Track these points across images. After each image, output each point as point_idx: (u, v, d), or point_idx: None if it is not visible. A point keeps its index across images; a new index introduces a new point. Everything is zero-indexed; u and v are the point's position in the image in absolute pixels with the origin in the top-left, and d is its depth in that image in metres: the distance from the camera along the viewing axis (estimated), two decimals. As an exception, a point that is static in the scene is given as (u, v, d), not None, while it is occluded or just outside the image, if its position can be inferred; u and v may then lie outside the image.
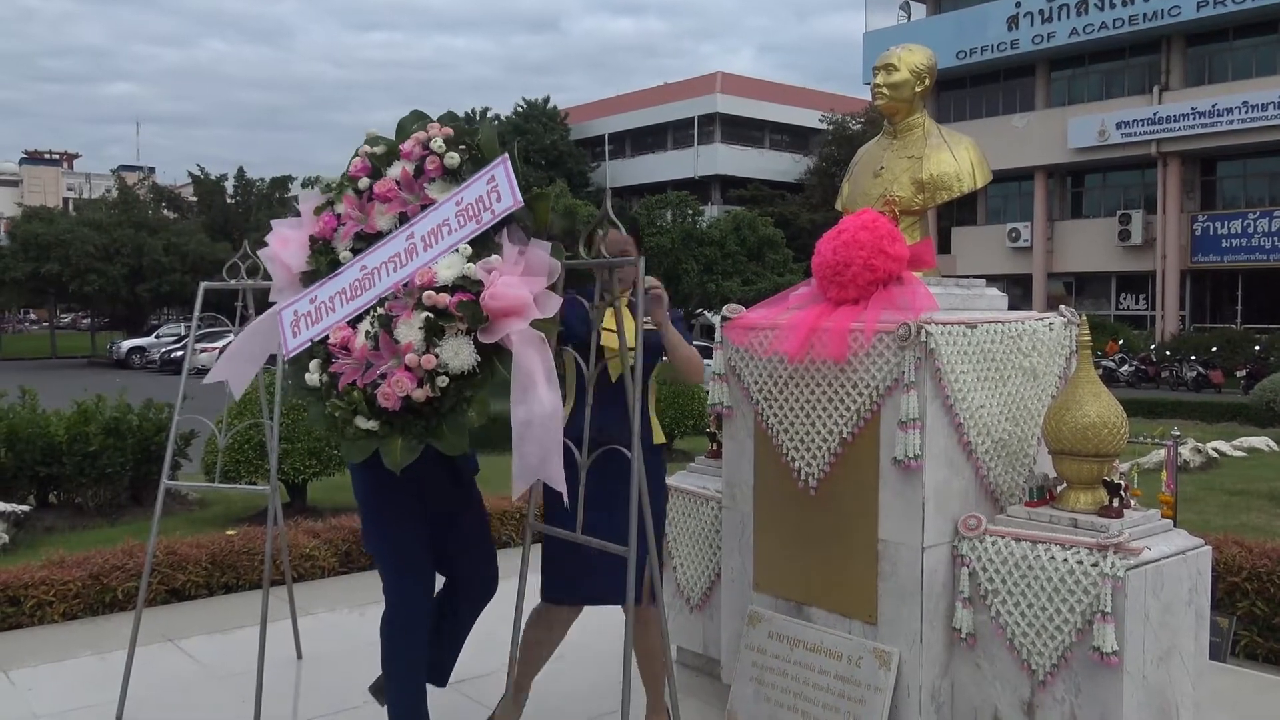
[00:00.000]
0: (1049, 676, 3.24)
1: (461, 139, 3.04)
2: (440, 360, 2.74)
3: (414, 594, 3.36)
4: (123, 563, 5.56)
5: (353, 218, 3.15)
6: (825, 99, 43.61)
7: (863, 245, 3.49)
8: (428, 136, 3.05)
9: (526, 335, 2.76)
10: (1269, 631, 4.89)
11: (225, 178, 46.85)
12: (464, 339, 2.77)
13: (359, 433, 2.85)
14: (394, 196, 3.08)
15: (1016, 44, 31.44)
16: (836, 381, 3.53)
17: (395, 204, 3.08)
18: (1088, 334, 3.55)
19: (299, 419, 8.09)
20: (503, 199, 2.85)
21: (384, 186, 3.08)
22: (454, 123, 3.08)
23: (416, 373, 2.75)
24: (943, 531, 3.41)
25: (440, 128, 3.07)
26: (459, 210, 2.91)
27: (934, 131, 3.87)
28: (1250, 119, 27.25)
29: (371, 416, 2.83)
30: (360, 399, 2.83)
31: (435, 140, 3.02)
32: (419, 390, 2.74)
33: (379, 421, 2.83)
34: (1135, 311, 31.35)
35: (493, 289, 2.75)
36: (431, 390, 2.75)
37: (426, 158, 3.04)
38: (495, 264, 2.81)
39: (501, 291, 2.75)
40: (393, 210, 3.08)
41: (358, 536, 6.37)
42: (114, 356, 36.27)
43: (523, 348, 2.75)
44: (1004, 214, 33.73)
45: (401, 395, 2.74)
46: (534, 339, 2.78)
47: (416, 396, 2.74)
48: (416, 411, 2.81)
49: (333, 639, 5.00)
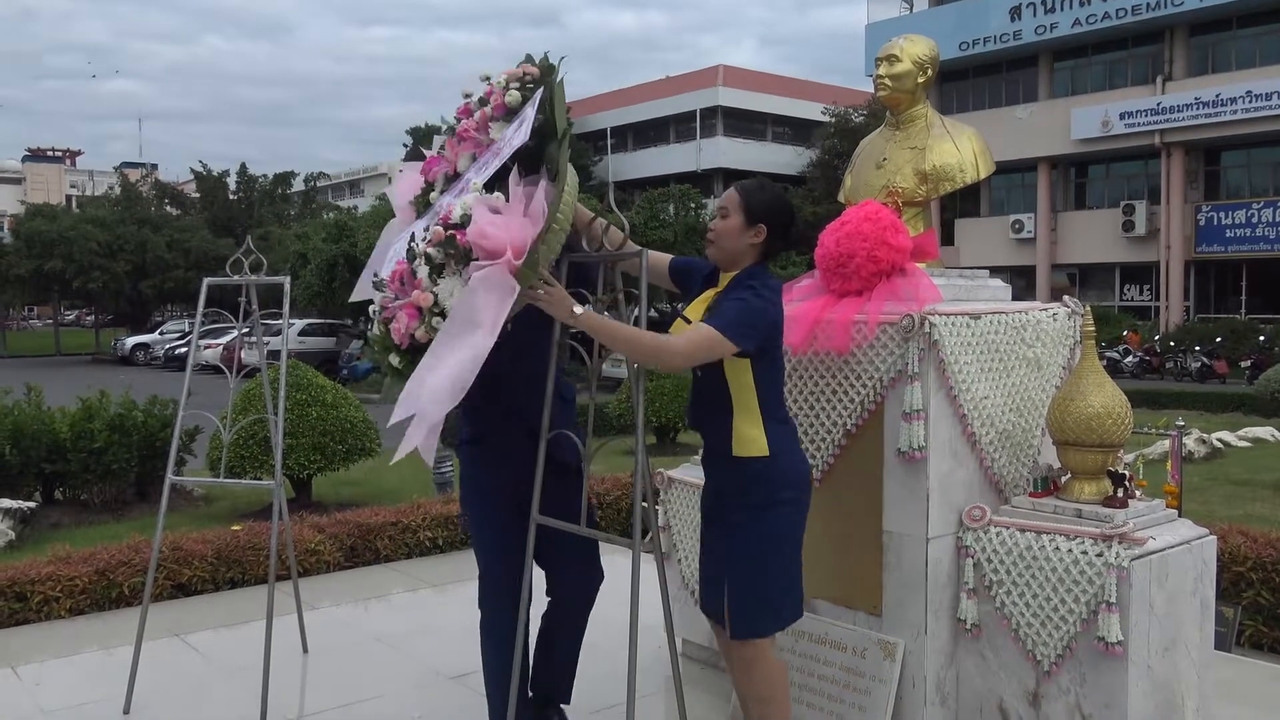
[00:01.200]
0: (1054, 667, 3.24)
1: (533, 81, 2.96)
2: (438, 300, 2.67)
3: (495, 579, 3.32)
4: (129, 558, 5.58)
5: (446, 159, 3.17)
6: (827, 91, 43.47)
7: (866, 237, 3.48)
8: (502, 77, 3.01)
9: (488, 278, 2.59)
10: (1274, 621, 4.88)
11: (228, 174, 46.89)
12: (459, 280, 2.67)
13: (391, 368, 2.83)
14: (469, 136, 3.08)
15: (1019, 35, 31.32)
16: (840, 373, 3.53)
17: (469, 144, 3.09)
18: (1092, 324, 3.55)
19: (303, 414, 8.11)
20: (521, 133, 2.79)
21: (463, 128, 3.08)
22: (543, 63, 3.00)
23: (420, 310, 2.69)
24: (947, 522, 3.41)
25: (524, 69, 2.99)
26: (495, 147, 2.90)
27: (937, 122, 3.86)
28: (1254, 108, 27.13)
29: (396, 354, 2.80)
30: (386, 333, 2.82)
31: (499, 78, 2.99)
32: (420, 329, 2.69)
33: (401, 360, 2.79)
34: (1139, 302, 31.27)
35: (478, 228, 2.63)
36: (429, 331, 2.67)
37: (497, 97, 2.99)
38: (495, 202, 2.70)
39: (488, 231, 2.62)
40: (466, 150, 3.09)
41: (362, 531, 6.40)
42: (118, 353, 36.35)
43: (479, 289, 2.59)
44: (1007, 205, 33.65)
45: (406, 332, 2.71)
46: (497, 284, 2.60)
47: (419, 336, 2.70)
48: (423, 351, 2.73)
49: (338, 633, 5.02)
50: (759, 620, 3.01)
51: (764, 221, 2.97)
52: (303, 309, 28.38)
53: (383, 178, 59.27)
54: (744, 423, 2.95)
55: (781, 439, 2.99)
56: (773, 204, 3.01)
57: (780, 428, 3.00)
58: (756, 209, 2.98)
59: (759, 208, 2.98)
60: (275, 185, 47.16)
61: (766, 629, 3.03)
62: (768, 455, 2.95)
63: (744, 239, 2.98)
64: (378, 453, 8.80)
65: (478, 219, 2.64)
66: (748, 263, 3.00)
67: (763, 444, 2.95)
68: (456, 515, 6.51)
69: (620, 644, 3.05)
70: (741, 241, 2.98)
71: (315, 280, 27.00)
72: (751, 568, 2.98)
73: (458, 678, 4.33)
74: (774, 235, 3.00)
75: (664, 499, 4.34)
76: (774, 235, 3.00)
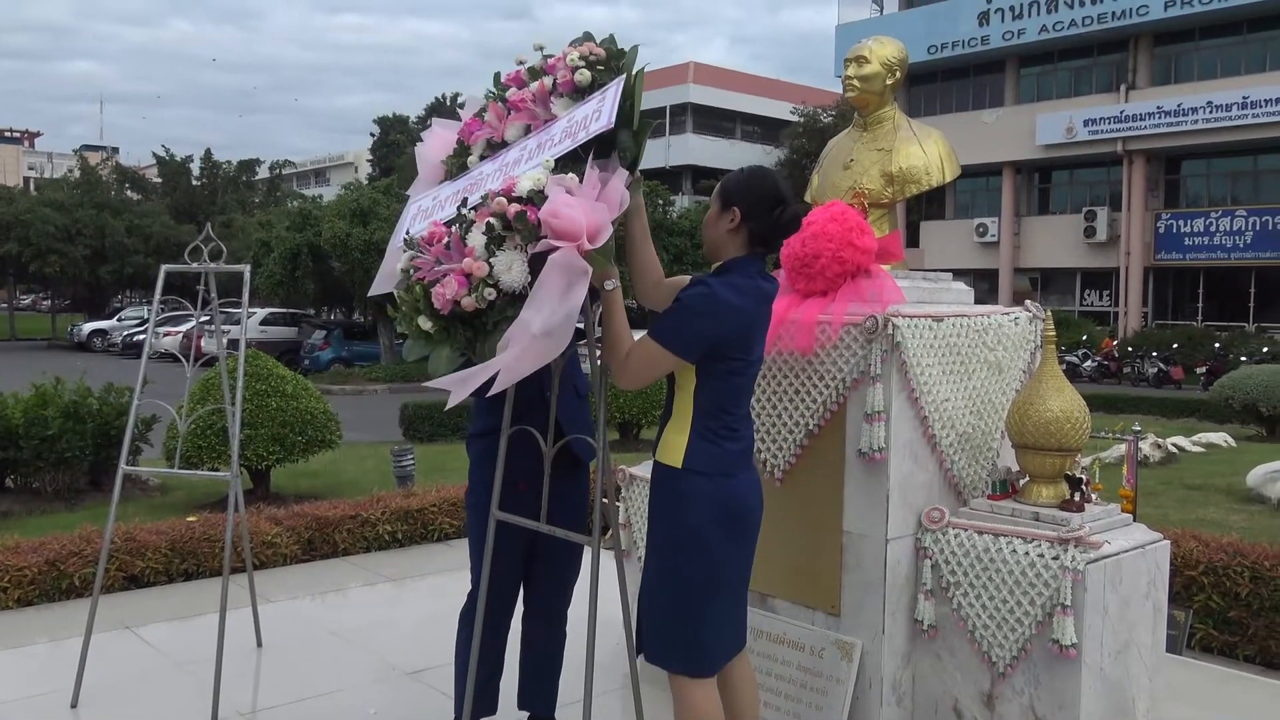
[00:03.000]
0: (1009, 668, 3.26)
1: (603, 61, 2.90)
2: (493, 271, 2.60)
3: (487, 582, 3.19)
4: (80, 549, 5.48)
5: (490, 125, 3.12)
6: (797, 91, 43.66)
7: (831, 237, 3.48)
8: (572, 53, 2.95)
9: (563, 262, 2.53)
10: (1225, 625, 4.96)
11: (191, 159, 46.23)
12: (519, 254, 2.60)
13: (419, 331, 2.78)
14: (524, 107, 3.02)
15: (987, 40, 31.63)
16: (804, 373, 3.53)
17: (523, 115, 3.03)
18: (1053, 329, 3.58)
19: (263, 405, 8.01)
20: (601, 118, 2.71)
21: (518, 96, 3.03)
22: (609, 45, 2.96)
23: (469, 279, 2.63)
24: (906, 524, 3.43)
25: (589, 47, 2.94)
26: (567, 126, 2.83)
27: (904, 125, 3.87)
28: (1214, 119, 27.59)
29: (430, 318, 2.76)
30: (422, 294, 2.77)
31: (571, 55, 2.92)
32: (468, 298, 2.62)
33: (434, 325, 2.73)
34: (1099, 308, 31.70)
35: (553, 206, 2.56)
36: (478, 301, 2.61)
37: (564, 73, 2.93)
38: (569, 182, 2.63)
39: (561, 211, 2.54)
40: (519, 120, 3.03)
41: (320, 524, 6.33)
42: (75, 339, 35.73)
43: (552, 272, 2.53)
44: (972, 209, 33.97)
45: (451, 299, 2.66)
46: (572, 268, 2.53)
47: (465, 304, 2.62)
48: (466, 321, 2.68)
49: (293, 627, 4.96)
50: (662, 651, 2.83)
51: (738, 205, 2.76)
52: (265, 298, 28.03)
53: (349, 167, 58.74)
54: (673, 427, 2.80)
55: (705, 457, 2.73)
56: (748, 185, 2.80)
57: (707, 445, 2.73)
58: (730, 192, 2.80)
59: (733, 190, 2.80)
60: (240, 172, 46.53)
61: (670, 664, 2.82)
62: (678, 468, 2.74)
63: (720, 226, 2.80)
64: (338, 444, 8.72)
65: (553, 198, 2.58)
66: (731, 254, 2.80)
67: (679, 455, 2.75)
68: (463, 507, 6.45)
69: (581, 641, 3.03)
70: (719, 229, 2.80)
71: (278, 269, 26.69)
72: (657, 595, 2.83)
73: (415, 673, 4.30)
74: (753, 219, 2.76)
75: (625, 496, 4.33)
76: (753, 219, 2.76)
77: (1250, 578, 4.93)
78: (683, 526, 2.74)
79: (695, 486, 2.73)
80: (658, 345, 2.67)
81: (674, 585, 2.77)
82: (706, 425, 2.75)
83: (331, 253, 25.13)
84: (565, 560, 3.40)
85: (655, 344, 2.67)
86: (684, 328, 2.67)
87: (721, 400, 2.75)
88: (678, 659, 2.81)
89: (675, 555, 2.76)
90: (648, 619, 2.88)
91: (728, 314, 2.68)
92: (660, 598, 2.82)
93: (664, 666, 2.84)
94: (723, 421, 2.76)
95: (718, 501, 2.73)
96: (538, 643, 3.47)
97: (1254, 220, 28.12)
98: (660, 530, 2.81)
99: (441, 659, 4.21)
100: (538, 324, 2.52)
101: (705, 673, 2.81)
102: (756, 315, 2.79)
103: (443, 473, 9.27)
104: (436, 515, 6.76)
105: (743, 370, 2.78)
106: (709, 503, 2.73)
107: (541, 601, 3.44)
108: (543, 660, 3.48)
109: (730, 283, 2.72)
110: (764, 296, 2.81)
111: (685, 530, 2.73)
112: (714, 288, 2.69)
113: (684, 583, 2.76)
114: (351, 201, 25.90)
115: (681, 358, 2.68)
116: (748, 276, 2.76)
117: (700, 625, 2.76)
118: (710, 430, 2.75)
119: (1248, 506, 8.78)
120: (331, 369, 25.29)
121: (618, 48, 2.91)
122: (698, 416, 2.75)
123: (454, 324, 2.68)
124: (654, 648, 2.86)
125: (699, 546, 2.73)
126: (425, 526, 6.71)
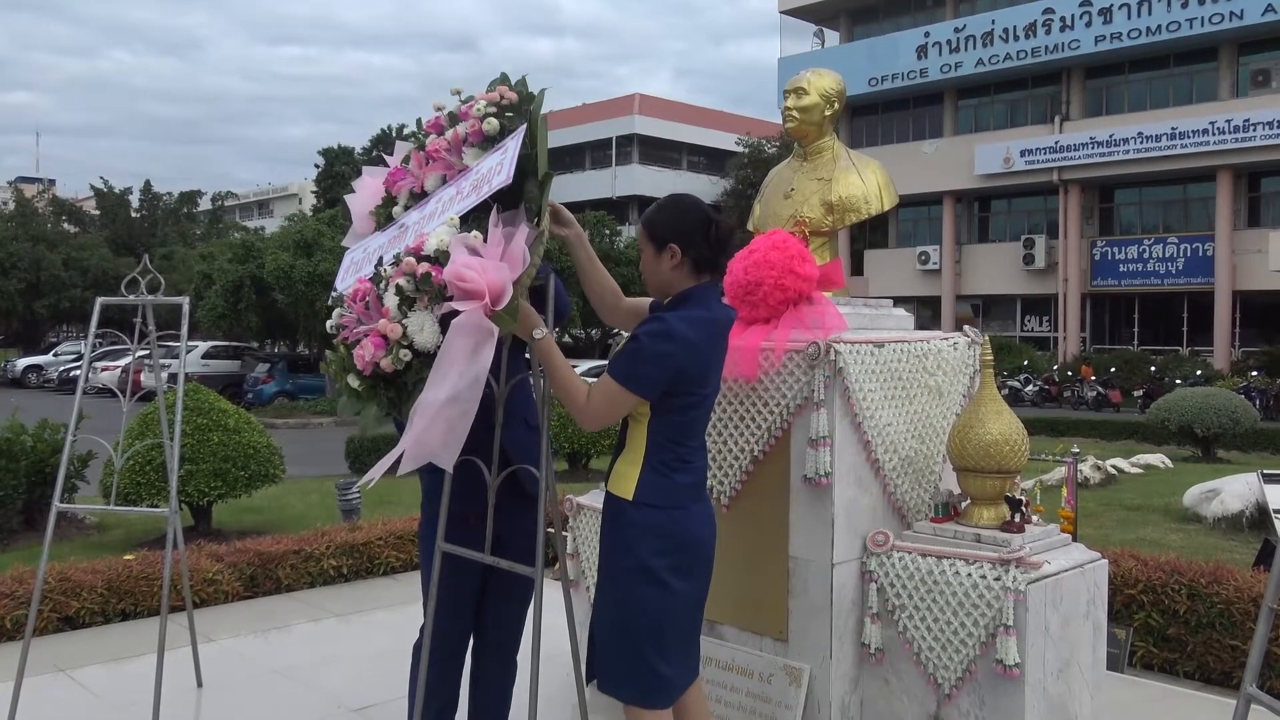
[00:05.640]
0: (954, 690, 3.29)
1: (511, 107, 2.86)
2: (406, 332, 2.59)
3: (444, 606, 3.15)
4: (11, 590, 5.32)
5: (412, 174, 3.08)
6: (741, 122, 44.22)
7: (773, 265, 3.52)
8: (479, 101, 2.91)
9: (466, 324, 2.52)
10: (1164, 642, 5.05)
11: (130, 191, 45.55)
12: (430, 315, 2.58)
13: (349, 388, 2.75)
14: (439, 157, 2.98)
15: (925, 72, 32.35)
16: (748, 400, 3.56)
17: (439, 165, 2.99)
18: (990, 353, 3.65)
19: (204, 439, 7.87)
20: (501, 173, 2.67)
21: (433, 146, 2.99)
22: (520, 89, 2.90)
23: (386, 340, 2.61)
24: (852, 548, 3.46)
25: (500, 91, 2.89)
26: (475, 179, 2.80)
27: (843, 155, 3.94)
28: (1145, 149, 28.44)
29: (356, 377, 2.72)
30: (346, 354, 2.75)
31: (479, 104, 2.88)
32: (385, 359, 2.61)
33: (361, 384, 2.70)
34: (1039, 333, 32.36)
35: (454, 268, 2.53)
36: (395, 363, 2.60)
37: (473, 122, 2.90)
38: (473, 241, 2.60)
39: (463, 272, 2.52)
40: (436, 170, 3.00)
41: (263, 560, 6.21)
42: (9, 375, 34.78)
43: (457, 336, 2.52)
44: (914, 237, 34.58)
45: (370, 361, 2.64)
46: (475, 329, 2.51)
47: (384, 366, 2.61)
48: (389, 382, 2.66)
49: (235, 666, 4.85)
50: (614, 681, 2.81)
51: (673, 241, 2.75)
52: (207, 331, 27.65)
53: (293, 198, 58.14)
54: (626, 459, 2.79)
55: (656, 490, 2.72)
56: (676, 219, 2.79)
57: (659, 479, 2.73)
58: (660, 231, 2.79)
59: (662, 228, 2.79)
60: (180, 204, 45.98)
61: (622, 694, 2.80)
62: (629, 500, 2.73)
63: (662, 266, 2.78)
64: (281, 479, 8.57)
65: (455, 259, 2.56)
66: (681, 287, 2.77)
67: (630, 487, 2.74)
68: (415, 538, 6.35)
69: (528, 672, 3.00)
70: (661, 270, 2.79)
71: (220, 302, 26.34)
72: (609, 627, 2.81)
73: (361, 710, 4.22)
74: (691, 249, 2.74)
75: (572, 525, 4.31)
76: (691, 249, 2.74)
77: (1188, 595, 5.02)
78: (633, 559, 2.72)
79: (646, 519, 2.72)
80: (617, 385, 2.66)
81: (627, 617, 2.75)
82: (659, 458, 2.74)
83: (275, 285, 24.86)
84: (521, 596, 3.35)
85: (615, 384, 2.66)
86: (641, 366, 2.66)
87: (675, 433, 2.75)
88: (632, 689, 2.79)
89: (627, 588, 2.74)
90: (601, 649, 2.86)
91: (685, 351, 2.67)
92: (613, 629, 2.81)
93: (617, 696, 2.83)
94: (676, 454, 2.76)
95: (668, 534, 2.72)
96: (486, 679, 3.42)
97: (1184, 247, 28.98)
98: (611, 562, 2.80)
99: (388, 694, 4.14)
100: (445, 391, 2.52)
101: (661, 704, 2.80)
102: (713, 349, 2.79)
103: (389, 506, 9.15)
104: (383, 549, 6.67)
105: (698, 404, 2.77)
106: (659, 536, 2.72)
107: (494, 636, 3.40)
108: (495, 700, 3.43)
109: (686, 316, 2.70)
110: (720, 328, 2.81)
111: (636, 562, 2.72)
112: (671, 324, 2.67)
113: (636, 615, 2.74)
114: (295, 233, 25.70)
115: (642, 396, 2.67)
116: (704, 307, 2.75)
117: (655, 657, 2.75)
118: (663, 463, 2.74)
119: (1185, 526, 8.97)
120: (275, 402, 24.91)
121: (529, 91, 2.88)
122: (650, 449, 2.74)
123: (378, 384, 2.67)
124: (606, 676, 2.84)
125: (650, 579, 2.71)
126: (371, 561, 6.61)
